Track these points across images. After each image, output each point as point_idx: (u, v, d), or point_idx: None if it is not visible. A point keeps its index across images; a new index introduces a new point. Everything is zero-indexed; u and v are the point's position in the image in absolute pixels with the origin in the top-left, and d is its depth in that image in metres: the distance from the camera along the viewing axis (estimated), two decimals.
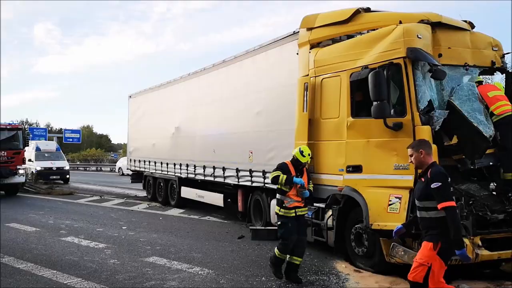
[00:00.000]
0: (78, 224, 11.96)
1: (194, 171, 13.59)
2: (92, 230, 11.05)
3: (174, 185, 15.37)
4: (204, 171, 12.98)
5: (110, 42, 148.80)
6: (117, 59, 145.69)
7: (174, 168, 14.92)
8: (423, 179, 4.58)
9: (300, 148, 6.96)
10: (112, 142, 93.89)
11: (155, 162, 16.57)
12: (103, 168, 48.44)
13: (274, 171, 6.91)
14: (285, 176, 6.71)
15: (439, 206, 4.34)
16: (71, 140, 46.26)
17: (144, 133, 17.93)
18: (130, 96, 19.62)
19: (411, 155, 4.71)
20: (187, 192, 14.56)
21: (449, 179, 4.48)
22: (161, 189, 16.55)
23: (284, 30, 9.56)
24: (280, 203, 6.84)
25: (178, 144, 14.87)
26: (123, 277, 6.91)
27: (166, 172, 15.71)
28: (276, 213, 6.90)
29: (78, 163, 57.62)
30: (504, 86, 7.78)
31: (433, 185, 4.38)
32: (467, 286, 6.09)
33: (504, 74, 7.87)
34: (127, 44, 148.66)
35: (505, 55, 7.63)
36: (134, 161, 18.78)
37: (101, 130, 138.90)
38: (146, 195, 18.09)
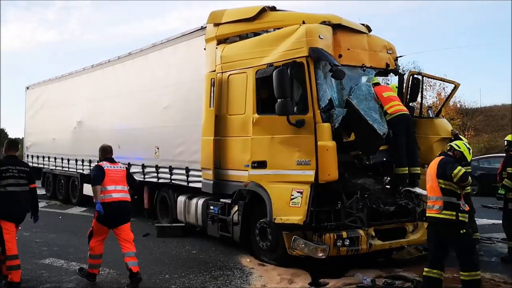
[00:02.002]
0: None
1: None
2: None
3: (76, 182, 14.63)
4: None
5: (6, 29, 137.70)
6: (14, 48, 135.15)
7: (76, 164, 14.20)
8: None
9: (466, 145, 5.78)
10: (9, 137, 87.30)
11: (55, 158, 15.70)
12: None
13: (454, 166, 5.35)
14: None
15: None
16: None
17: (43, 127, 16.86)
18: (27, 88, 18.43)
19: None
20: (89, 189, 13.86)
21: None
22: (62, 186, 15.70)
23: (199, 25, 9.39)
24: (455, 208, 5.35)
25: (81, 139, 14.15)
26: None
27: (67, 169, 14.94)
28: (455, 222, 5.34)
29: None
30: (397, 87, 8.37)
31: None
32: (361, 274, 6.43)
33: (397, 76, 8.46)
34: (26, 31, 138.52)
35: (398, 58, 8.19)
36: (32, 157, 17.64)
37: None
38: (45, 193, 17.02)
